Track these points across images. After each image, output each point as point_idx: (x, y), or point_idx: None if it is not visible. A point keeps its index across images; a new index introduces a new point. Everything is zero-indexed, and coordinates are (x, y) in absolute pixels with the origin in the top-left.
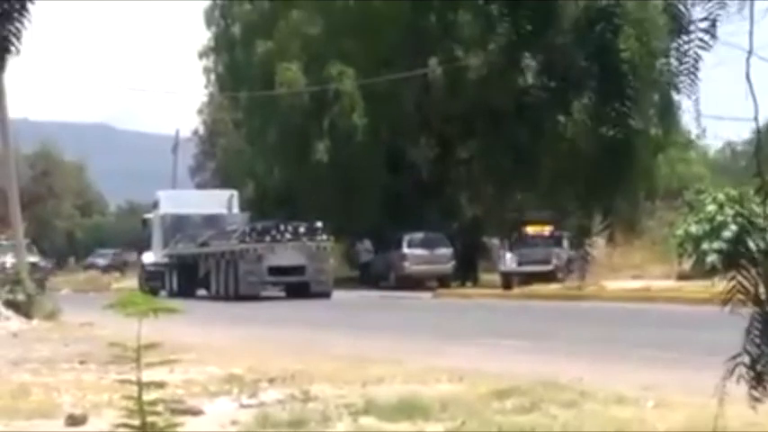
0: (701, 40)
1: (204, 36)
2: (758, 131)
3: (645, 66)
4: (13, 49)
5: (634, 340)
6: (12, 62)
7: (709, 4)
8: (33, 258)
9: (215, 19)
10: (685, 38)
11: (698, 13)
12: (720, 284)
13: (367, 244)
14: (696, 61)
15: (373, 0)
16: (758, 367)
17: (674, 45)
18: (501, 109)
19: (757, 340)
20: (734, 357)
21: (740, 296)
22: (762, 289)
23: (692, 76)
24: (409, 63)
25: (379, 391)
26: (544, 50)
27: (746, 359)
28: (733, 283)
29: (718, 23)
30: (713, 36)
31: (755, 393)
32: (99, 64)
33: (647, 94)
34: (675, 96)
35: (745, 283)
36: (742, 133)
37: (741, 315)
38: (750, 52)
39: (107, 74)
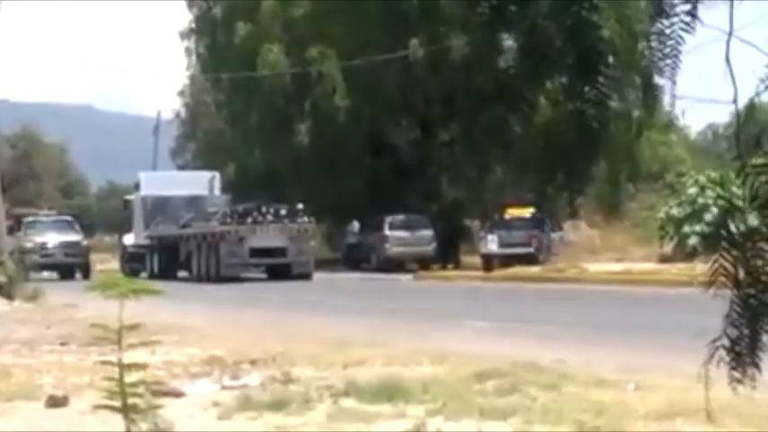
0: (683, 22)
1: (186, 17)
2: (737, 114)
3: (626, 48)
4: None
5: (615, 322)
6: None
7: None
8: (75, 237)
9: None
10: (666, 22)
11: None
12: (701, 267)
13: (355, 225)
14: (678, 44)
15: None
16: (737, 349)
17: (656, 28)
18: (481, 90)
19: (737, 323)
20: (714, 341)
21: (722, 279)
22: (742, 272)
23: (675, 60)
24: (391, 44)
25: (360, 374)
26: (523, 30)
27: (726, 341)
28: (716, 265)
29: (699, 5)
30: (695, 18)
31: (736, 374)
32: (80, 45)
33: (628, 76)
34: (657, 79)
35: (727, 265)
36: (723, 116)
37: (722, 298)
38: (730, 34)
39: (88, 55)
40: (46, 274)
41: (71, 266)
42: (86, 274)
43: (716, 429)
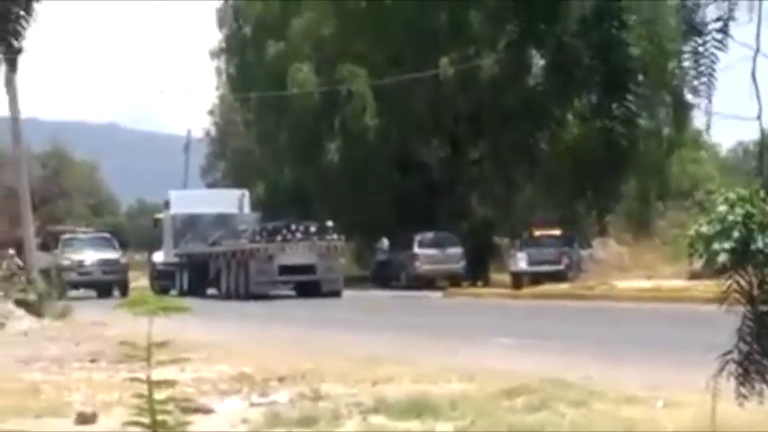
0: (715, 40)
1: (216, 36)
2: (762, 131)
3: (656, 66)
4: (18, 47)
5: (643, 339)
6: (23, 62)
7: (723, 5)
8: (113, 254)
9: (227, 19)
10: (699, 40)
11: (711, 12)
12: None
13: (384, 243)
14: (713, 62)
15: (384, 0)
16: (746, 364)
17: (689, 47)
18: (509, 108)
19: (748, 338)
20: (724, 354)
21: (736, 296)
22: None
23: (710, 78)
24: (420, 63)
25: (389, 391)
26: (551, 47)
27: (737, 356)
28: (729, 282)
29: (730, 23)
30: (727, 35)
31: (743, 390)
32: (110, 63)
33: (658, 94)
34: (688, 96)
35: (742, 282)
36: (753, 133)
37: (736, 314)
38: (757, 51)
39: (118, 74)
40: (83, 291)
41: (109, 284)
42: (124, 291)
43: None
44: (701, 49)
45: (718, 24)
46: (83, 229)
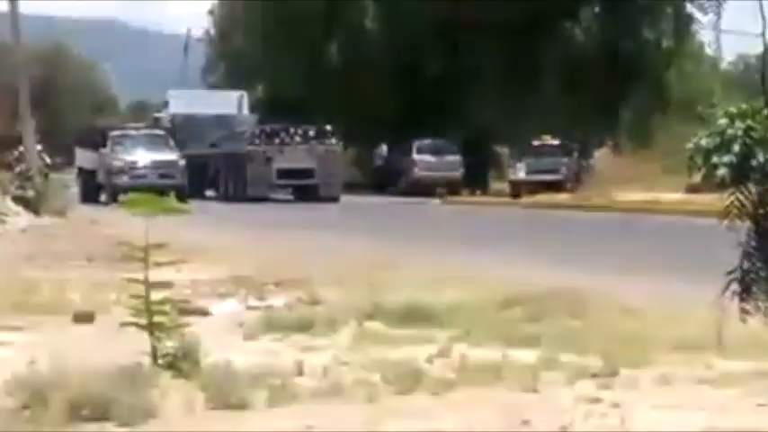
0: None
1: None
2: (765, 48)
3: None
4: None
5: (641, 251)
6: None
7: None
8: (170, 155)
9: None
10: None
11: None
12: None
13: (383, 149)
14: None
15: None
16: (748, 280)
17: None
18: (513, 17)
19: (750, 256)
20: (729, 273)
21: (737, 212)
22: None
23: None
24: None
25: (386, 297)
26: None
27: (739, 273)
28: (732, 198)
29: None
30: None
31: (745, 306)
32: None
33: (659, 6)
34: (689, 8)
35: (743, 198)
36: (756, 47)
37: (735, 231)
38: None
39: None
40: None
41: (165, 189)
42: (182, 198)
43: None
44: None
45: None
46: (133, 124)
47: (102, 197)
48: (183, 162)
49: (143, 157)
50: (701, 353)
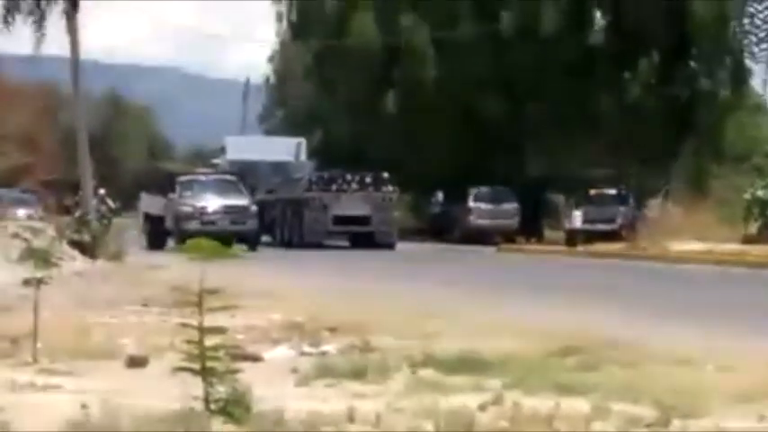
0: None
1: None
2: None
3: (716, 28)
4: None
5: (697, 301)
6: (84, 2)
7: None
8: (241, 200)
9: None
10: (759, 6)
11: None
12: None
13: (439, 196)
14: None
15: None
16: None
17: (749, 10)
18: (571, 65)
19: None
20: None
21: None
22: None
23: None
24: (481, 16)
25: (439, 345)
26: (614, 6)
27: None
28: None
29: None
30: None
31: None
32: (171, 6)
33: (717, 57)
34: (747, 61)
35: None
36: None
37: None
38: None
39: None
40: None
41: (236, 236)
42: (254, 245)
43: None
44: (760, 15)
45: None
46: (202, 169)
47: (170, 244)
48: (254, 208)
49: (213, 202)
50: (755, 403)
